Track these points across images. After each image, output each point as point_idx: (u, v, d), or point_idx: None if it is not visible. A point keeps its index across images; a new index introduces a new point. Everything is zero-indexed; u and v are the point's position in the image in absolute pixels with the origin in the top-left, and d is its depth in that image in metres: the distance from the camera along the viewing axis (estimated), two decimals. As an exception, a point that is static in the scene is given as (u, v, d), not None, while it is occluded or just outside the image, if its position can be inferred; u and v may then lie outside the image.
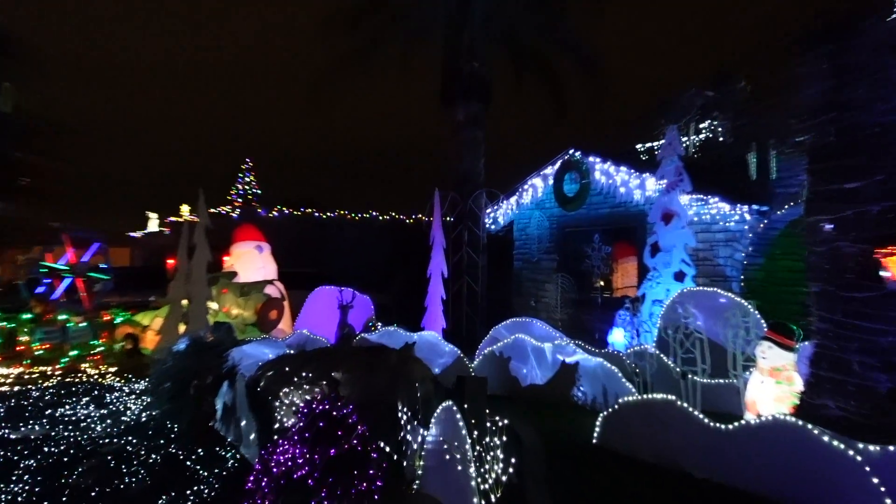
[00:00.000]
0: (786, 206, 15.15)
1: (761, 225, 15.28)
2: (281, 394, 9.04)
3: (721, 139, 20.59)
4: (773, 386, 8.68)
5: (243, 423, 9.03)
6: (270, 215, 32.32)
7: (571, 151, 18.69)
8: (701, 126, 21.07)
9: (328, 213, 32.84)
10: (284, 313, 16.56)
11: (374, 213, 33.54)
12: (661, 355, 11.26)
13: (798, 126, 8.52)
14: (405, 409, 8.49)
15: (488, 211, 20.88)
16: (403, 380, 9.23)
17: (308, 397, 8.80)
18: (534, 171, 19.91)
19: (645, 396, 9.33)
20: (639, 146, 22.56)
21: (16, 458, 8.89)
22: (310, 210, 32.93)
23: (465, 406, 8.37)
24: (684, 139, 20.86)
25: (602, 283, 18.00)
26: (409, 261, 25.75)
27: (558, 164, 19.17)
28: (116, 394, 12.20)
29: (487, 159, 19.62)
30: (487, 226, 20.92)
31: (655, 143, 21.65)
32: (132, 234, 45.86)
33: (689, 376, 9.84)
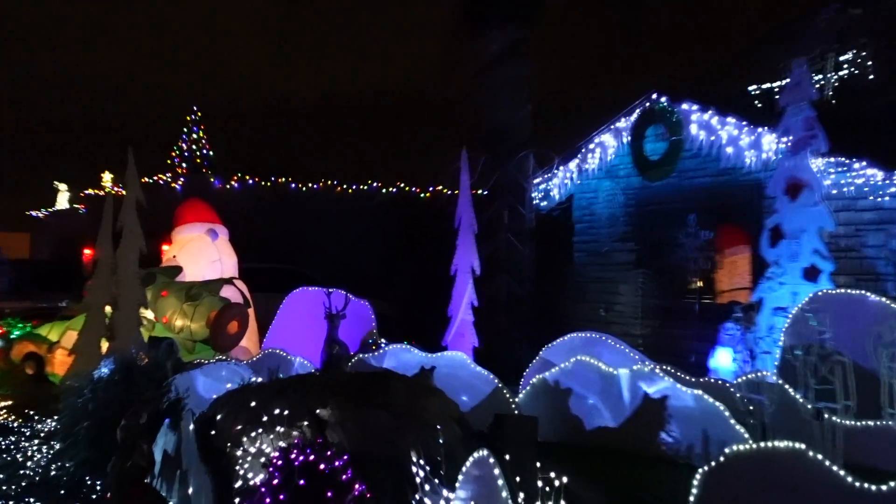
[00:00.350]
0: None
1: (930, 200, 15.19)
2: (245, 439, 9.05)
3: (871, 77, 20.43)
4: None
5: (191, 479, 9.07)
6: (227, 187, 32.46)
7: (656, 97, 18.59)
8: (842, 59, 20.92)
9: (309, 185, 32.91)
10: (249, 325, 16.62)
11: (373, 185, 33.57)
12: (786, 386, 11.15)
13: None
14: (420, 462, 8.48)
15: (537, 181, 20.84)
16: (418, 420, 9.20)
17: (283, 444, 8.81)
18: (602, 126, 19.84)
19: (763, 445, 9.26)
20: (752, 88, 22.40)
21: None
22: (283, 179, 33.02)
23: (507, 457, 8.35)
24: (817, 78, 20.69)
25: (700, 283, 17.92)
26: (424, 252, 25.75)
27: (637, 114, 19.08)
28: (12, 438, 12.28)
29: (535, 108, 19.59)
30: (536, 202, 20.87)
31: (776, 85, 21.51)
32: (33, 213, 46.26)
33: (826, 416, 9.76)
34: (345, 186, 33.24)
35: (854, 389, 9.81)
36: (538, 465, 8.44)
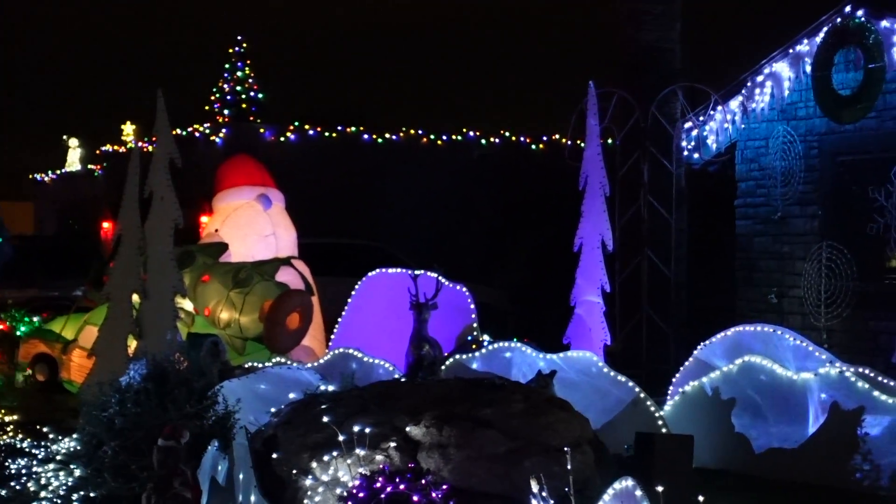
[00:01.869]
0: None
1: None
2: (315, 465, 9.18)
3: None
4: None
5: (247, 516, 9.25)
6: (282, 139, 32.77)
7: (848, 10, 18.30)
8: None
9: (387, 135, 33.09)
10: (313, 317, 16.83)
11: (470, 133, 33.63)
12: None
13: None
14: (543, 495, 8.55)
15: (688, 126, 20.69)
16: (538, 442, 9.27)
17: (364, 470, 8.93)
18: (775, 51, 19.61)
19: None
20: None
21: None
22: (353, 129, 33.24)
23: (657, 489, 8.37)
24: None
25: (908, 258, 17.70)
26: (539, 222, 25.78)
27: (822, 35, 18.82)
28: (22, 461, 12.60)
29: (686, 27, 19.44)
30: (687, 154, 20.74)
31: None
32: (37, 176, 47.24)
33: None
34: (433, 136, 33.35)
35: None
36: (700, 498, 8.46)
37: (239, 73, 42.90)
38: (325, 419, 9.57)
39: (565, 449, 9.15)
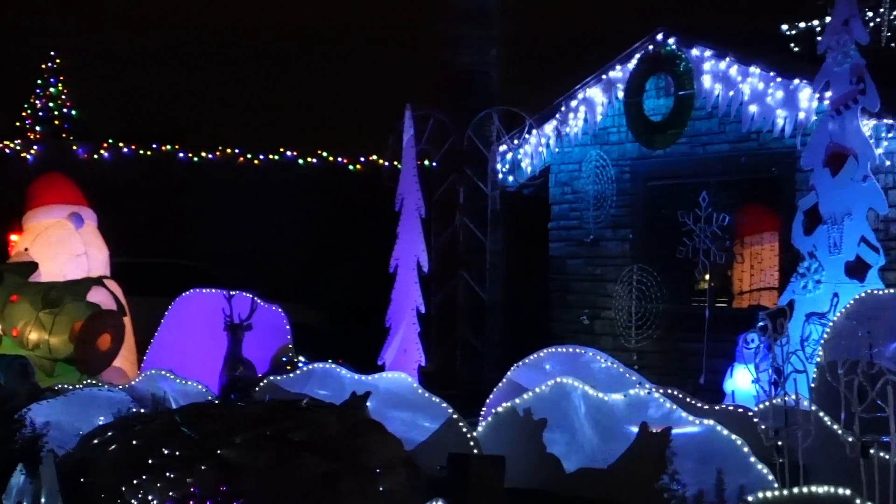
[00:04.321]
0: None
1: None
2: (125, 489, 9.06)
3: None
4: None
5: (55, 541, 9.09)
6: (95, 157, 32.24)
7: (660, 38, 18.69)
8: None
9: (204, 154, 32.78)
10: (125, 338, 16.60)
11: (288, 153, 33.49)
12: (824, 416, 11.33)
13: None
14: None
15: (503, 149, 20.90)
16: (353, 463, 9.27)
17: (175, 494, 8.85)
18: (588, 78, 19.92)
19: (795, 490, 9.43)
20: (785, 28, 22.58)
21: None
22: (169, 147, 32.85)
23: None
24: (869, 16, 20.87)
25: (714, 282, 18.07)
26: (357, 243, 25.79)
27: (634, 61, 19.17)
28: None
29: (503, 52, 19.65)
30: (502, 176, 20.94)
31: (818, 23, 21.64)
32: None
33: (874, 451, 9.94)
34: (250, 156, 33.13)
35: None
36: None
37: (52, 90, 42.11)
38: (136, 442, 9.46)
39: (378, 471, 9.19)
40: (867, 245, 14.41)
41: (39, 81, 41.86)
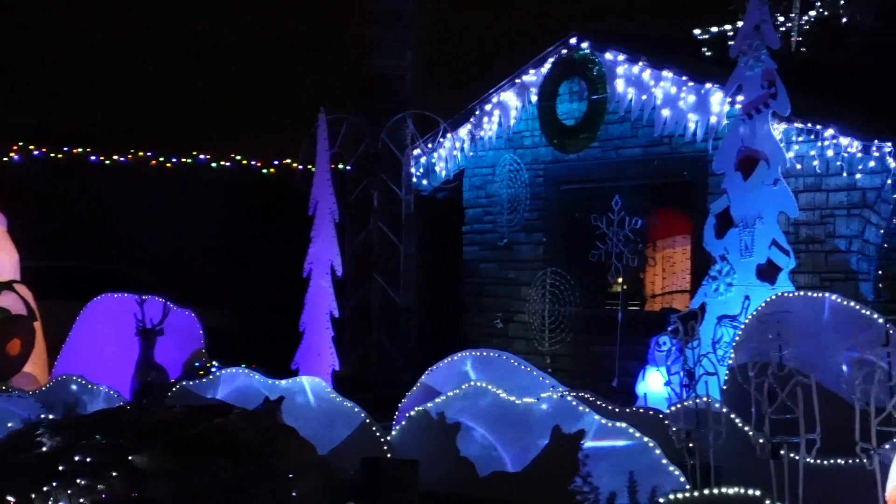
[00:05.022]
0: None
1: (915, 179, 15.62)
2: (34, 496, 8.97)
3: (845, 20, 20.87)
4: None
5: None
6: (5, 159, 31.84)
7: (574, 42, 18.78)
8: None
9: (116, 157, 32.46)
10: (36, 343, 16.42)
11: (201, 156, 33.23)
12: (735, 417, 11.45)
13: None
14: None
15: (417, 153, 20.91)
16: (267, 468, 9.24)
17: (85, 501, 8.77)
18: (502, 81, 19.97)
19: (707, 492, 9.51)
20: (697, 32, 22.76)
21: None
22: (81, 150, 32.50)
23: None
24: (781, 20, 21.07)
25: (626, 285, 18.19)
26: (268, 246, 25.66)
27: (548, 66, 19.25)
28: None
29: (419, 55, 19.65)
30: (416, 180, 20.94)
31: (730, 27, 21.80)
32: None
33: (784, 452, 10.05)
34: (163, 159, 32.85)
35: (819, 419, 10.10)
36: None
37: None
38: (46, 448, 9.37)
39: (291, 476, 9.17)
40: (778, 248, 14.54)
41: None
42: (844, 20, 20.26)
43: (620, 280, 17.74)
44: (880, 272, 15.64)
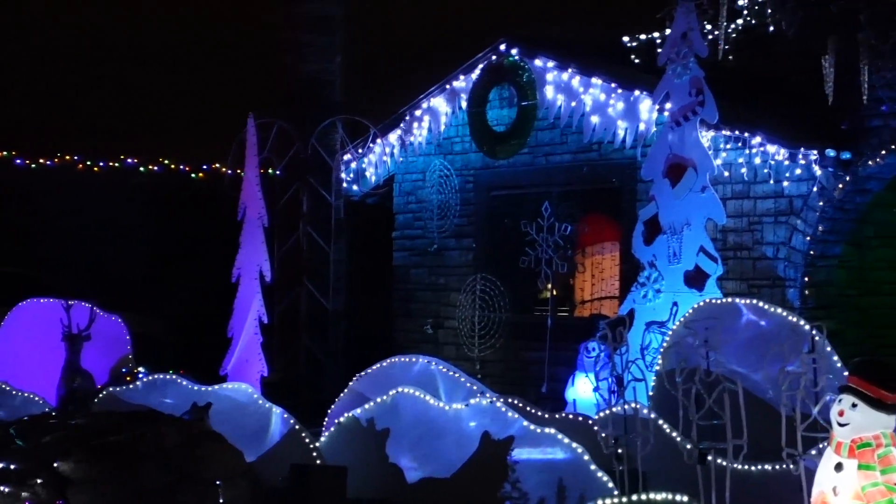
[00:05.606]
0: (885, 153, 15.61)
1: (841, 186, 15.75)
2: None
3: (771, 29, 21.04)
4: (856, 473, 8.98)
5: None
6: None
7: (504, 48, 18.82)
8: (740, 3, 21.48)
9: (41, 160, 32.19)
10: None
11: (128, 160, 33.02)
12: (663, 422, 11.51)
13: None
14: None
15: (347, 158, 20.87)
16: (194, 476, 9.20)
17: (8, 510, 8.71)
18: (433, 86, 19.98)
19: (635, 497, 9.54)
20: (626, 39, 22.87)
21: None
22: (4, 153, 32.22)
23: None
24: (709, 28, 21.21)
25: (555, 291, 18.24)
26: (197, 251, 25.54)
27: (478, 72, 19.29)
28: None
29: (347, 60, 19.63)
30: (346, 185, 20.91)
31: (658, 35, 21.88)
32: None
33: (711, 458, 10.12)
34: (90, 163, 32.60)
35: (746, 425, 10.17)
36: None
37: None
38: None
39: (218, 483, 9.14)
40: (706, 255, 14.64)
41: None
42: (771, 28, 20.43)
43: (550, 286, 17.81)
44: (806, 279, 15.78)
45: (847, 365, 10.50)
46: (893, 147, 15.42)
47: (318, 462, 12.33)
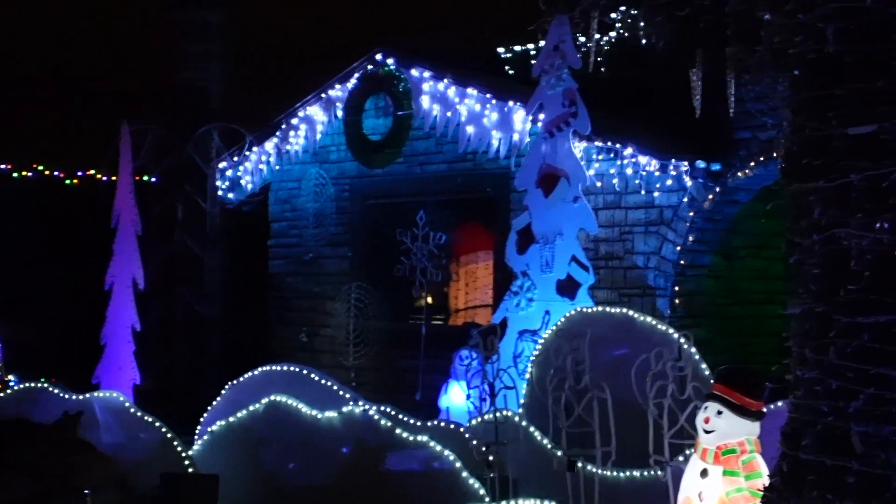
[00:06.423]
0: (753, 164, 15.88)
1: (711, 196, 15.99)
2: None
3: (644, 41, 21.27)
4: (721, 479, 9.13)
5: None
6: None
7: (380, 58, 18.84)
8: (612, 16, 21.72)
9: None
10: None
11: (1, 166, 32.53)
12: (533, 430, 11.60)
13: (783, 21, 8.79)
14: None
15: (223, 166, 20.77)
16: (65, 485, 9.11)
17: None
18: (309, 95, 19.95)
19: (506, 503, 9.60)
20: (501, 51, 23.03)
21: None
22: None
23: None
24: (582, 40, 21.41)
25: (430, 299, 18.29)
26: (72, 258, 25.20)
27: (354, 80, 19.29)
28: None
29: (225, 68, 19.55)
30: (222, 193, 20.80)
31: (532, 46, 22.05)
32: None
33: (580, 465, 10.22)
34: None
35: (614, 432, 10.29)
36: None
37: None
38: None
39: (88, 492, 9.06)
40: (578, 264, 14.75)
41: None
42: (643, 41, 20.69)
43: (424, 294, 17.88)
44: (676, 288, 15.99)
45: (715, 371, 10.66)
46: (762, 159, 15.67)
47: (189, 470, 12.25)
